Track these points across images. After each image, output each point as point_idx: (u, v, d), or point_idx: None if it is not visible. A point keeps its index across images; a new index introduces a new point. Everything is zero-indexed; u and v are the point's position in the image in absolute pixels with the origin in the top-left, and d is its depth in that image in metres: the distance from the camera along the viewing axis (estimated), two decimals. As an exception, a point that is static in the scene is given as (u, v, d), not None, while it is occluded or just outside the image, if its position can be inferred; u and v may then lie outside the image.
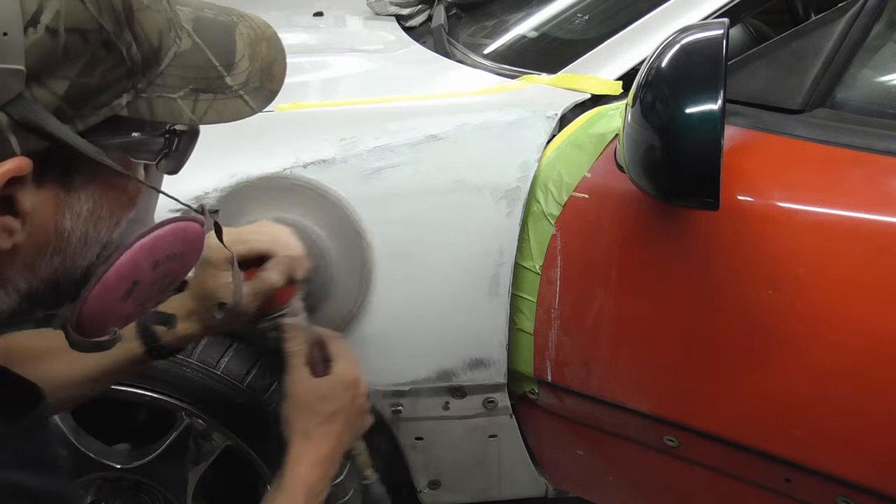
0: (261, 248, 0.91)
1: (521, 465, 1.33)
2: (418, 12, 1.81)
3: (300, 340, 0.92)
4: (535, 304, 1.14)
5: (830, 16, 1.07)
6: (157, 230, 0.59)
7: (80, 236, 0.55)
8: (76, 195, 0.53)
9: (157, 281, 0.61)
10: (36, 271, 0.54)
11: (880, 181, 1.00)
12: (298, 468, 0.87)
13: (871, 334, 0.95)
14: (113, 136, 0.52)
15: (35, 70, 0.46)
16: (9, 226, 0.50)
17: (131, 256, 0.57)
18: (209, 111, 0.56)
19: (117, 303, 0.58)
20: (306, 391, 0.90)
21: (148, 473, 1.31)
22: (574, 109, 1.17)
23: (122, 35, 0.50)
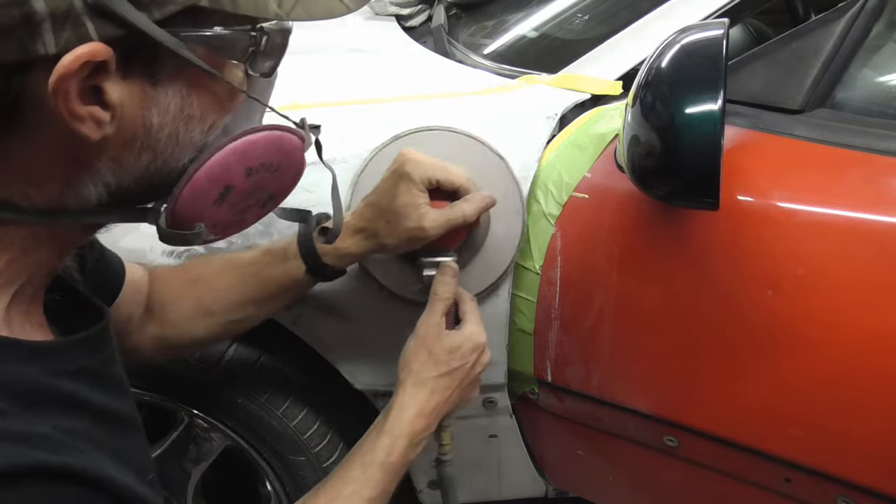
0: (460, 180, 0.90)
1: (521, 465, 1.33)
2: (418, 12, 1.81)
3: (451, 289, 0.91)
4: (535, 304, 1.14)
5: (830, 16, 1.07)
6: (250, 135, 0.58)
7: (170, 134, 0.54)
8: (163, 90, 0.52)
9: (252, 190, 0.60)
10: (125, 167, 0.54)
11: (880, 181, 1.00)
12: (405, 413, 0.85)
13: (871, 334, 0.95)
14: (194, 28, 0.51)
15: None
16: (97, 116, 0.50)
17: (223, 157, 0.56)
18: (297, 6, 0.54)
19: (210, 206, 0.58)
20: (436, 338, 0.88)
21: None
22: (574, 109, 1.17)
23: None
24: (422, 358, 0.88)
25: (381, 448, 0.84)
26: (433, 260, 0.93)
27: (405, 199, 0.88)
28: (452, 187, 0.91)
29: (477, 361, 0.91)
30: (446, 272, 0.92)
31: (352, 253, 0.93)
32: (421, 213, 0.88)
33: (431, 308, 0.90)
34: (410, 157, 0.90)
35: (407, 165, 0.88)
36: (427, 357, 0.87)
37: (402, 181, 0.88)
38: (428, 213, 0.89)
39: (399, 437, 0.84)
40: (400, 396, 0.87)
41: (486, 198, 0.92)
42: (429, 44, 1.57)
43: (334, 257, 0.92)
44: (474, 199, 0.90)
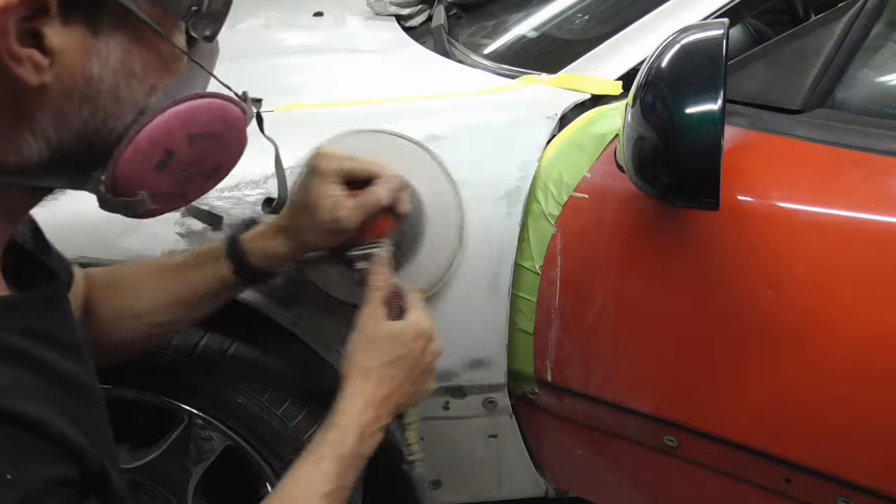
0: (372, 167, 0.89)
1: (521, 465, 1.33)
2: (418, 12, 1.81)
3: (385, 277, 0.90)
4: (535, 304, 1.14)
5: (830, 16, 1.07)
6: (192, 100, 0.58)
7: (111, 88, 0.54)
8: (104, 40, 0.52)
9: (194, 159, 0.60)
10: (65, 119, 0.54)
11: (880, 181, 1.00)
12: (353, 405, 0.83)
13: (871, 334, 0.95)
14: None
15: None
16: (35, 59, 0.50)
17: (164, 121, 0.56)
18: None
19: (151, 172, 0.58)
20: (377, 328, 0.87)
21: (148, 473, 1.31)
22: (574, 109, 1.17)
23: None
24: (363, 349, 0.86)
25: (331, 441, 0.82)
26: (362, 252, 0.92)
27: (318, 192, 0.87)
28: (366, 175, 0.90)
29: (425, 350, 0.89)
30: (377, 261, 0.91)
31: (278, 254, 0.92)
32: (335, 204, 0.87)
33: (369, 299, 0.89)
34: (320, 152, 0.90)
35: (317, 159, 0.88)
36: (369, 347, 0.86)
37: (314, 175, 0.88)
38: (342, 203, 0.88)
39: (348, 429, 0.82)
40: (346, 390, 0.85)
41: (396, 177, 0.90)
42: (429, 44, 1.57)
43: (261, 258, 0.92)
44: (387, 181, 0.89)
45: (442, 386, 1.20)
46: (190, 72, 0.59)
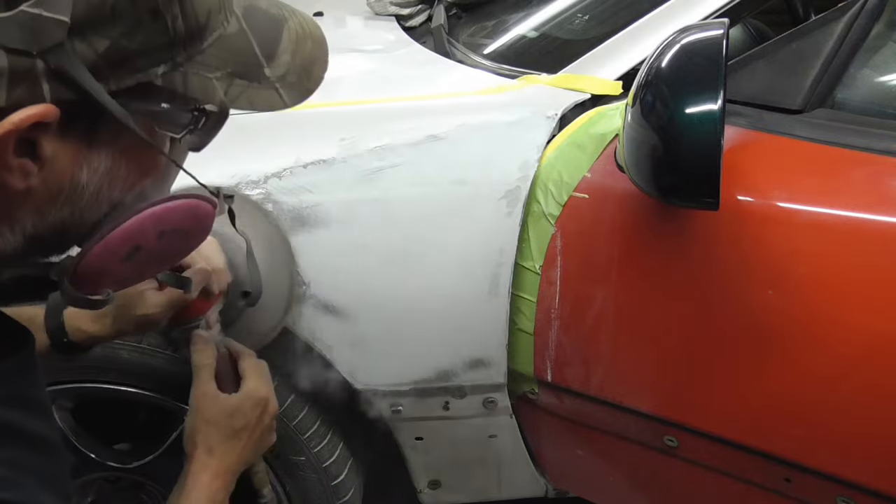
0: None
1: (521, 465, 1.33)
2: (418, 12, 1.81)
3: (208, 354, 0.91)
4: (535, 304, 1.14)
5: (830, 16, 1.07)
6: (170, 202, 0.60)
7: (94, 192, 0.55)
8: (97, 151, 0.53)
9: (160, 251, 0.62)
10: (44, 217, 0.54)
11: (880, 181, 1.00)
12: (200, 479, 0.86)
13: (871, 334, 0.95)
14: (143, 102, 0.53)
15: (79, 24, 0.47)
16: (26, 168, 0.50)
17: (139, 221, 0.58)
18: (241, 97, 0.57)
19: (117, 263, 0.59)
20: (212, 407, 0.89)
21: (148, 473, 1.31)
22: (574, 109, 1.17)
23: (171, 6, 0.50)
24: (203, 430, 0.88)
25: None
26: (181, 334, 0.94)
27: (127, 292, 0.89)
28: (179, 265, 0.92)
29: (264, 414, 0.92)
30: (196, 342, 0.92)
31: (97, 335, 0.93)
32: (143, 300, 0.90)
33: (197, 378, 0.91)
34: None
35: None
36: (209, 427, 0.88)
37: None
38: (149, 299, 0.90)
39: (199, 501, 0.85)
40: (192, 467, 0.87)
41: (203, 272, 0.91)
42: (429, 44, 1.57)
43: (80, 336, 0.93)
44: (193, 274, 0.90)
45: (442, 386, 1.20)
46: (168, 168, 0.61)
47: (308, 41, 0.64)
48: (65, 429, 1.26)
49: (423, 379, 1.19)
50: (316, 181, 1.09)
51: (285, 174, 1.10)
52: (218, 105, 0.56)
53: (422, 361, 1.19)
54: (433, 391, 1.20)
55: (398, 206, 1.12)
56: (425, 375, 1.19)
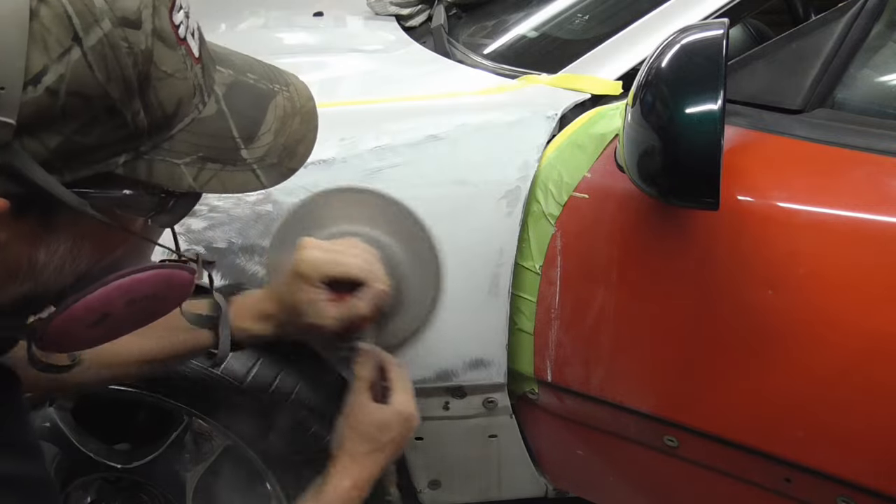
0: (358, 275, 0.92)
1: (521, 465, 1.33)
2: (418, 12, 1.81)
3: (370, 367, 0.93)
4: (535, 304, 1.14)
5: (830, 16, 1.07)
6: (138, 273, 0.57)
7: (55, 268, 0.53)
8: (55, 235, 0.52)
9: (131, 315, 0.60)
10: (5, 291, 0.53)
11: (880, 181, 1.00)
12: (340, 487, 0.88)
13: (870, 334, 0.95)
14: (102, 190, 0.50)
15: (27, 124, 0.45)
16: None
17: (105, 293, 0.56)
18: (213, 180, 0.54)
19: (84, 329, 0.57)
20: (365, 417, 0.91)
21: (148, 473, 1.31)
22: (574, 109, 1.17)
23: (130, 103, 0.48)
24: (352, 437, 0.90)
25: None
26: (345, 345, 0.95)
27: (302, 297, 0.90)
28: (350, 281, 0.93)
29: (408, 429, 0.93)
30: (361, 355, 0.94)
31: (259, 335, 0.95)
32: (318, 310, 0.91)
33: (355, 388, 0.93)
34: (305, 256, 0.91)
35: (301, 265, 0.91)
36: (358, 435, 0.90)
37: (298, 279, 0.91)
38: (324, 310, 0.91)
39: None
40: (334, 472, 0.89)
41: (379, 293, 0.93)
42: (429, 44, 1.57)
43: (242, 336, 0.94)
44: (371, 296, 0.92)
45: (442, 386, 1.20)
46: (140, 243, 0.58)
47: (296, 118, 0.61)
48: (65, 429, 1.27)
49: (423, 379, 1.19)
50: (316, 181, 1.09)
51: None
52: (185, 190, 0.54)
53: (422, 361, 1.19)
54: (433, 391, 1.20)
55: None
56: (425, 375, 1.19)
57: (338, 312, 0.91)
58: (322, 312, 0.91)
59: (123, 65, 0.47)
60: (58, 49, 0.45)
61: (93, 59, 0.46)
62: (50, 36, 0.44)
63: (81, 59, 0.45)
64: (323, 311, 0.91)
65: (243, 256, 1.13)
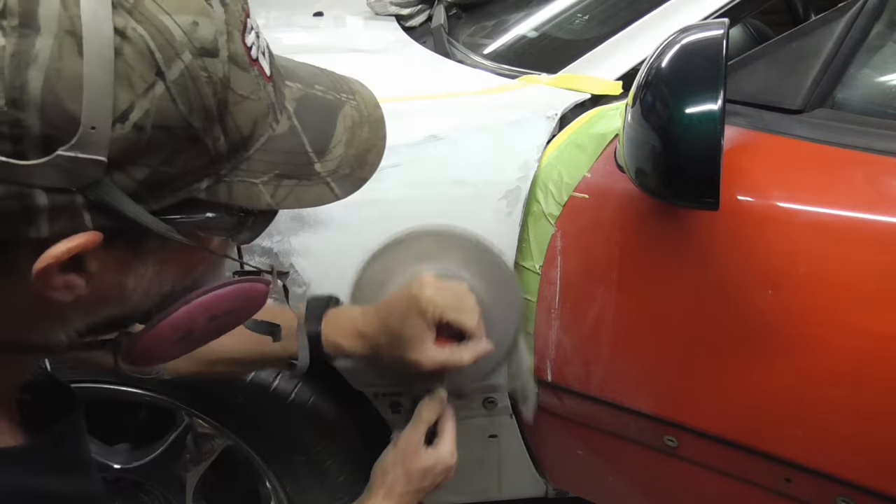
0: (469, 325, 0.93)
1: (521, 465, 1.33)
2: (418, 12, 1.81)
3: (435, 412, 0.95)
4: (535, 304, 1.14)
5: (830, 16, 1.07)
6: (219, 289, 0.58)
7: (143, 293, 0.55)
8: (143, 260, 0.53)
9: (212, 330, 0.61)
10: (95, 316, 0.55)
11: (880, 181, 1.00)
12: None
13: (870, 334, 0.95)
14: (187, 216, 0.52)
15: (116, 160, 0.46)
16: (72, 283, 0.50)
17: (188, 311, 0.57)
18: (289, 197, 0.55)
19: (168, 346, 0.59)
20: (416, 459, 0.92)
21: (148, 473, 1.31)
22: (574, 109, 1.17)
23: (211, 130, 0.49)
24: (397, 472, 0.92)
25: None
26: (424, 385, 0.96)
27: (412, 333, 0.91)
28: (461, 330, 0.94)
29: (445, 479, 0.96)
30: (434, 398, 0.95)
31: (349, 352, 0.96)
32: (423, 349, 0.92)
33: (415, 426, 0.94)
34: (428, 294, 0.92)
35: (423, 301, 0.91)
36: (402, 473, 0.92)
37: (414, 314, 0.91)
38: (428, 351, 0.92)
39: None
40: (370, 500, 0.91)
41: (485, 349, 0.95)
42: (429, 44, 1.57)
43: (332, 350, 0.96)
44: (474, 348, 0.94)
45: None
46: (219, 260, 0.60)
47: (364, 127, 0.61)
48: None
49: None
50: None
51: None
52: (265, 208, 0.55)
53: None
54: (433, 391, 1.20)
55: (398, 206, 1.12)
56: (425, 375, 1.19)
57: (442, 358, 0.92)
58: (427, 353, 0.92)
59: (204, 94, 0.48)
60: (142, 85, 0.45)
61: (175, 92, 0.46)
62: (134, 73, 0.45)
63: (165, 93, 0.46)
64: (428, 353, 0.92)
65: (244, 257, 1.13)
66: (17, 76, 0.42)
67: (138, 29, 0.45)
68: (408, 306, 0.92)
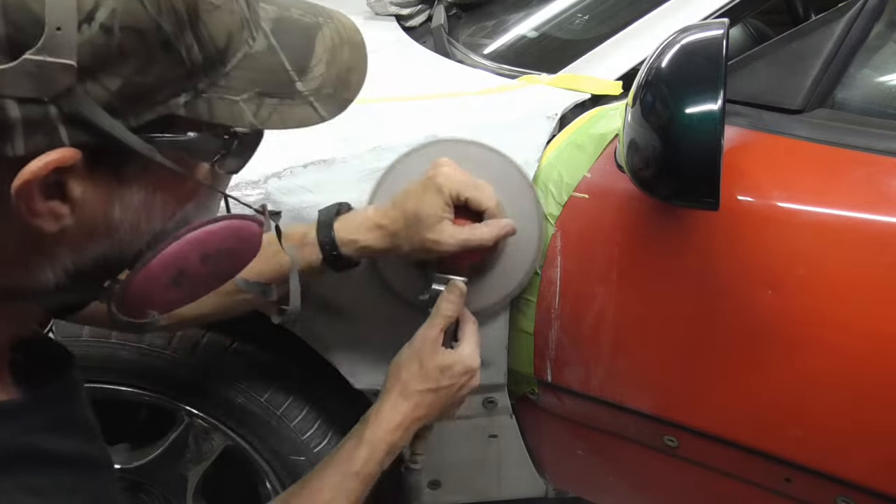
0: (488, 203, 0.90)
1: (521, 465, 1.33)
2: (418, 12, 1.81)
3: (455, 308, 0.91)
4: (535, 304, 1.14)
5: (830, 16, 1.07)
6: (209, 225, 0.58)
7: (131, 225, 0.54)
8: (128, 187, 0.52)
9: (207, 274, 0.60)
10: (83, 253, 0.54)
11: (880, 181, 1.00)
12: (386, 424, 0.87)
13: (870, 334, 0.95)
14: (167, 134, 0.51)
15: (88, 66, 0.46)
16: (56, 211, 0.49)
17: (179, 247, 0.56)
18: (273, 116, 0.54)
19: (162, 289, 0.58)
20: (431, 352, 0.89)
21: (148, 474, 1.31)
22: (574, 109, 1.17)
23: (183, 36, 0.49)
24: (412, 369, 0.88)
25: (360, 458, 0.85)
26: (444, 276, 0.93)
27: (430, 210, 0.89)
28: (480, 209, 0.92)
29: (466, 384, 0.92)
30: (453, 291, 0.92)
31: (369, 247, 0.93)
32: (442, 226, 0.89)
33: (432, 322, 0.91)
34: (444, 171, 0.90)
35: (440, 177, 0.89)
36: (418, 369, 0.88)
37: (431, 190, 0.89)
38: (447, 228, 0.89)
39: (377, 448, 0.86)
40: (383, 404, 0.88)
41: (506, 226, 0.92)
42: (429, 44, 1.57)
43: (351, 249, 0.93)
44: (495, 225, 0.91)
45: (442, 386, 1.20)
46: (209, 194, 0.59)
47: (345, 48, 0.61)
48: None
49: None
50: (316, 181, 1.09)
51: (285, 174, 1.10)
52: (248, 128, 0.54)
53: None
54: (433, 391, 1.20)
55: (398, 206, 1.12)
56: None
57: (463, 236, 0.89)
58: (447, 230, 0.89)
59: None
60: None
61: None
62: None
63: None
64: (448, 229, 0.89)
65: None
66: None
67: None
68: (425, 187, 0.90)
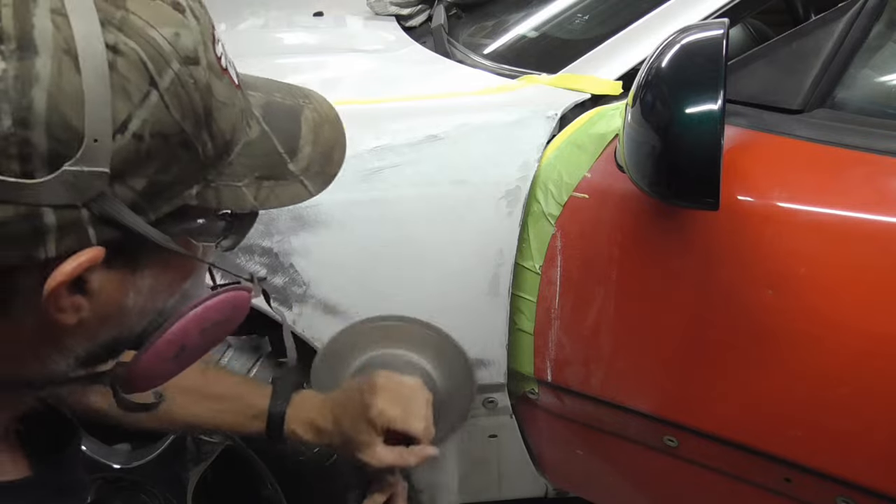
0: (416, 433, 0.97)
1: (521, 465, 1.33)
2: (418, 12, 1.81)
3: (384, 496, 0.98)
4: (535, 304, 1.14)
5: (830, 16, 1.07)
6: (208, 300, 0.61)
7: (140, 309, 0.57)
8: (140, 273, 0.55)
9: (202, 344, 0.64)
10: (95, 340, 0.57)
11: (880, 181, 1.00)
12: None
13: (870, 334, 0.95)
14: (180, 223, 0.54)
15: (118, 171, 0.48)
16: (77, 304, 0.52)
17: (183, 325, 0.59)
18: (270, 196, 0.58)
19: (164, 365, 0.61)
20: None
21: (148, 474, 1.31)
22: (574, 109, 1.17)
23: (200, 135, 0.51)
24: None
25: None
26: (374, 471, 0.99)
27: (362, 438, 0.96)
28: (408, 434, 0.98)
29: None
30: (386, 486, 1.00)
31: (305, 441, 1.01)
32: (372, 452, 0.96)
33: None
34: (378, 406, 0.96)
35: (373, 411, 0.96)
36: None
37: (364, 421, 0.96)
38: (378, 454, 0.96)
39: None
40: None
41: (430, 455, 0.99)
42: (429, 44, 1.57)
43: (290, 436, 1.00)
44: (420, 452, 0.98)
45: (442, 386, 1.20)
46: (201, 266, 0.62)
47: (325, 126, 0.64)
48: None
49: (423, 379, 1.19)
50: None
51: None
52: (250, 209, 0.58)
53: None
54: (433, 391, 1.20)
55: (398, 206, 1.12)
56: (425, 375, 1.19)
57: (390, 460, 0.96)
58: (376, 456, 0.96)
59: (193, 100, 0.50)
60: (138, 95, 0.47)
61: (168, 99, 0.49)
62: (130, 84, 0.47)
63: (159, 101, 0.48)
64: (377, 455, 0.96)
65: (243, 256, 1.13)
66: (23, 96, 0.44)
67: (129, 43, 0.47)
68: (360, 413, 0.96)
